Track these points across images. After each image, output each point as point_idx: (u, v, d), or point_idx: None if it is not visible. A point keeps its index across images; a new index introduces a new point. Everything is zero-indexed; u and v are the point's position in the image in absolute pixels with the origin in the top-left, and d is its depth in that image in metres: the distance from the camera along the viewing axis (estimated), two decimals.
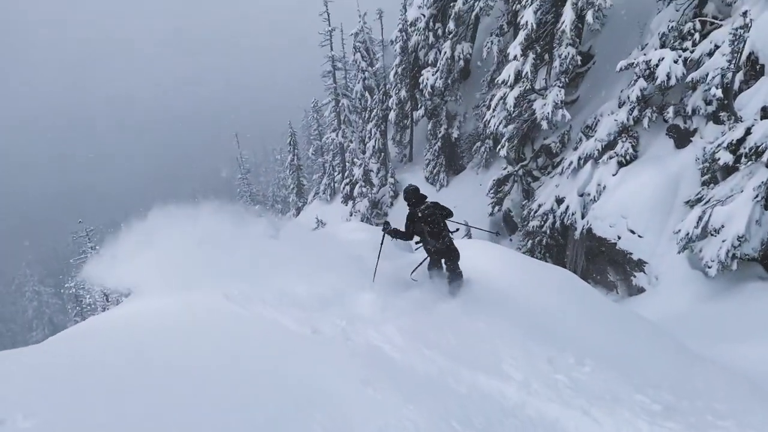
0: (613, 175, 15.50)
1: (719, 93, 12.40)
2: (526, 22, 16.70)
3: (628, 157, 15.39)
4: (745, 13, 11.40)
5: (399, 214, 27.70)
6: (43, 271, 76.40)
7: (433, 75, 25.33)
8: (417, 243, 8.10)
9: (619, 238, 14.94)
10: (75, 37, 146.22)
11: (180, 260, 7.49)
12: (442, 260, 8.00)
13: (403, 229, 7.90)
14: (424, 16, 25.42)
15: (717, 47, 12.85)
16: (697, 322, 11.63)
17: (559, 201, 17.31)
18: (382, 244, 8.32)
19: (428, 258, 8.18)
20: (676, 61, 13.66)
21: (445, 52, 24.70)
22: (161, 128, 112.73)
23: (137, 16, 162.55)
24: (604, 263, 15.87)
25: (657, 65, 14.00)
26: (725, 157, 11.92)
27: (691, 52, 13.65)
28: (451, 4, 24.22)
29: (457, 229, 8.10)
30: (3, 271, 78.14)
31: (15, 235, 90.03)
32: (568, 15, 16.10)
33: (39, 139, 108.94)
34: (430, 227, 7.63)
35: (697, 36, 13.78)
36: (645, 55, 14.48)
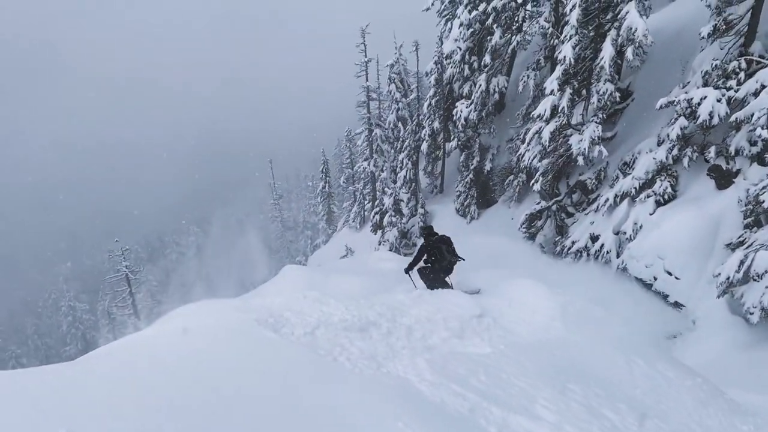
0: (651, 214, 15.15)
1: (765, 134, 12.08)
2: (564, 57, 16.60)
3: (666, 197, 15.04)
4: None
5: None
6: (79, 287, 78.00)
7: (467, 107, 25.34)
8: (426, 263, 10.74)
9: (655, 279, 14.54)
10: (117, 66, 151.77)
11: None
12: (443, 276, 10.61)
13: (415, 258, 10.74)
14: (460, 49, 25.55)
15: (764, 87, 12.55)
16: (736, 370, 11.17)
17: (594, 238, 16.97)
18: (410, 276, 11.21)
19: (428, 277, 10.77)
20: (719, 100, 13.36)
21: (480, 85, 24.74)
22: (196, 154, 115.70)
23: (178, 48, 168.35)
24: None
25: (699, 104, 13.72)
26: None
27: (736, 91, 13.35)
28: (488, 38, 24.34)
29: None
30: (41, 285, 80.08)
31: (55, 251, 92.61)
32: (607, 51, 15.97)
33: (82, 162, 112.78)
34: (446, 245, 10.28)
35: (742, 75, 13.48)
36: (686, 93, 14.22)
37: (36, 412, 3.98)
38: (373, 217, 32.44)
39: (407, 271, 10.87)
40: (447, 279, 10.97)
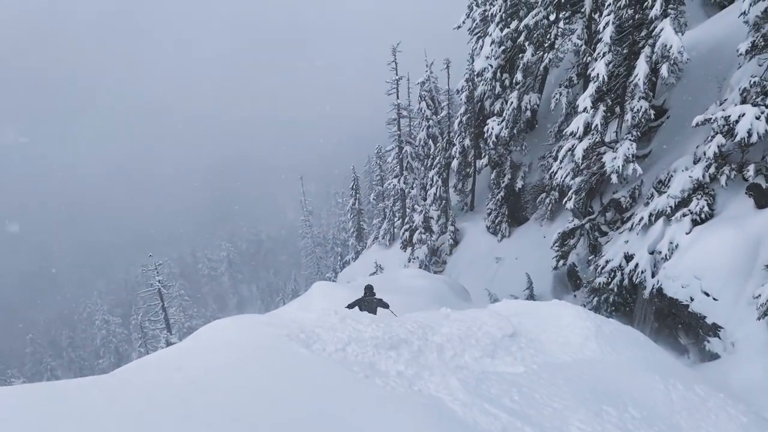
0: (687, 233, 14.80)
1: None
2: (598, 74, 16.46)
3: (703, 216, 14.68)
4: None
5: (457, 263, 27.45)
6: (112, 302, 79.69)
7: (498, 125, 25.28)
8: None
9: (692, 299, 14.15)
10: (149, 93, 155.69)
11: None
12: None
13: (350, 305, 12.35)
14: (491, 66, 25.58)
15: None
16: None
17: (628, 258, 16.64)
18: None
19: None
20: (758, 118, 13.03)
21: (512, 103, 24.67)
22: (228, 172, 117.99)
23: (207, 73, 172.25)
24: (674, 325, 15.02)
25: (737, 121, 13.40)
26: None
27: None
28: (520, 56, 24.30)
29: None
30: (77, 299, 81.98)
31: (90, 268, 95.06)
32: (641, 68, 15.79)
33: (117, 182, 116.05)
34: (366, 304, 12.09)
35: None
36: (724, 110, 13.92)
37: (76, 424, 4.06)
38: (403, 234, 32.43)
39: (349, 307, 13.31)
40: None
